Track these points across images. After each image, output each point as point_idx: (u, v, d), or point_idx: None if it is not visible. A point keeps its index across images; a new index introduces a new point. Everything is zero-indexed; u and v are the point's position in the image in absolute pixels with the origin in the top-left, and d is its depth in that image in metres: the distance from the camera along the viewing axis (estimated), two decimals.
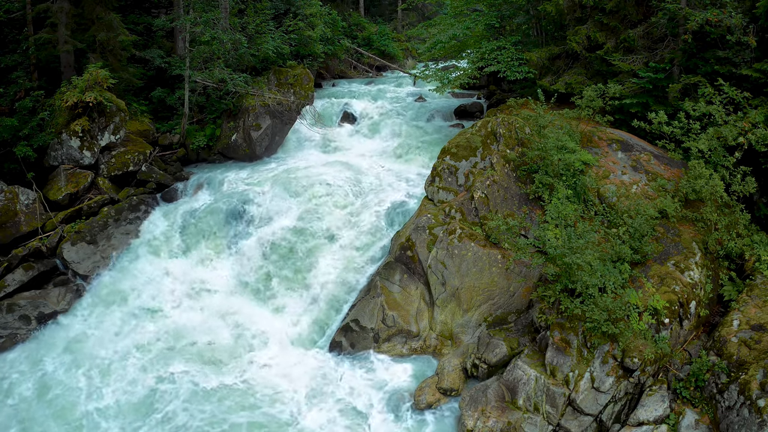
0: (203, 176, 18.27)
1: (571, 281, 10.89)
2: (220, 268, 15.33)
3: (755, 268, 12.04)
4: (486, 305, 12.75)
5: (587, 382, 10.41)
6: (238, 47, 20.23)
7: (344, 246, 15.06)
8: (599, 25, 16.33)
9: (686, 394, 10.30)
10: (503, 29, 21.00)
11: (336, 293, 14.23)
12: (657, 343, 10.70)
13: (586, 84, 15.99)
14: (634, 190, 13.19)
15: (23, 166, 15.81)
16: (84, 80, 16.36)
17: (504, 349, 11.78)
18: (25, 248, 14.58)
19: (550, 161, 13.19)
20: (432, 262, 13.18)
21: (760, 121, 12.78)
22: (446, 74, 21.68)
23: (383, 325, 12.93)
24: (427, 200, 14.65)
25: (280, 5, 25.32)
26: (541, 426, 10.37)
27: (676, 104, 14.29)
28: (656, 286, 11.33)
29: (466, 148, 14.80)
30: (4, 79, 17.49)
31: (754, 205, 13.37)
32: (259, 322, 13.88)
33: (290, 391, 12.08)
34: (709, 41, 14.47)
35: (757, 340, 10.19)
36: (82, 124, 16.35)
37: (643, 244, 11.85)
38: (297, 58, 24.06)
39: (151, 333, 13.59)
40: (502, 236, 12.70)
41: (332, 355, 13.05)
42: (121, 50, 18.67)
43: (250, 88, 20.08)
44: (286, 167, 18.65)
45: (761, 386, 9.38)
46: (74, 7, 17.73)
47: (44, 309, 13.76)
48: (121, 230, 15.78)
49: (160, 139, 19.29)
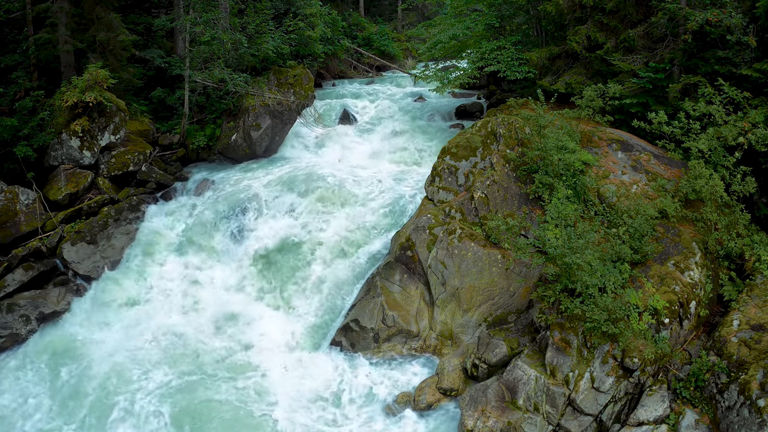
0: (203, 176, 18.27)
1: (571, 281, 10.89)
2: (219, 268, 15.32)
3: (755, 268, 12.04)
4: (486, 305, 12.75)
5: (587, 382, 10.41)
6: (238, 47, 20.23)
7: (344, 245, 15.05)
8: (599, 25, 16.34)
9: (686, 394, 10.29)
10: (503, 29, 20.99)
11: (336, 293, 14.22)
12: (657, 343, 10.71)
13: (586, 84, 15.99)
14: (634, 190, 13.19)
15: (23, 166, 15.81)
16: (84, 80, 16.36)
17: (504, 349, 11.78)
18: (25, 248, 14.57)
19: (550, 161, 13.19)
20: (432, 262, 13.18)
21: (760, 121, 12.78)
22: (446, 74, 21.69)
23: (383, 325, 12.93)
24: (427, 200, 14.65)
25: (280, 5, 25.31)
26: (541, 426, 10.37)
27: (676, 104, 14.29)
28: (656, 286, 11.33)
29: (466, 148, 14.80)
30: (4, 79, 17.49)
31: (754, 205, 13.36)
32: (259, 323, 13.86)
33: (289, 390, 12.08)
34: (709, 41, 14.48)
35: (757, 340, 10.18)
36: (82, 124, 16.35)
37: (643, 244, 11.85)
38: (297, 58, 24.05)
39: (151, 333, 13.59)
40: (502, 236, 12.71)
41: (332, 355, 13.04)
42: (121, 50, 18.66)
43: (250, 88, 20.08)
44: (286, 167, 18.65)
45: (761, 386, 9.38)
46: (74, 7, 17.73)
47: (44, 309, 13.74)
48: (121, 230, 15.78)
49: (160, 139, 19.29)
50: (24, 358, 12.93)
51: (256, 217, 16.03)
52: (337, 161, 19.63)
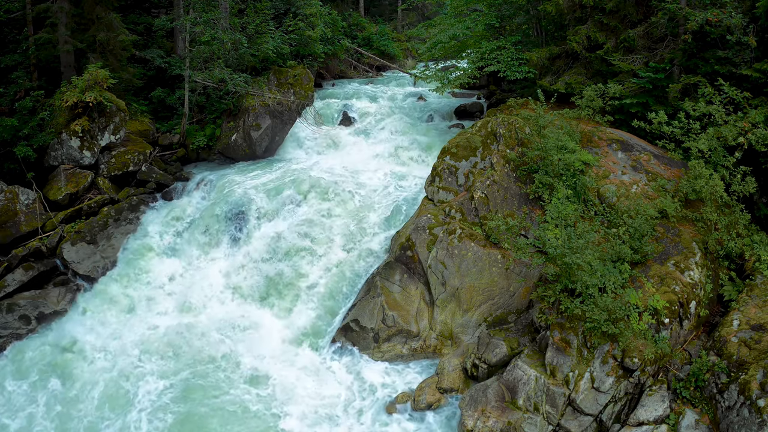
0: (203, 176, 18.26)
1: (571, 281, 10.89)
2: (219, 268, 15.31)
3: (755, 268, 12.04)
4: (486, 305, 12.75)
5: (587, 382, 10.41)
6: (238, 47, 20.23)
7: (344, 246, 15.05)
8: (599, 25, 16.34)
9: (686, 394, 10.29)
10: (503, 29, 20.99)
11: (336, 293, 14.22)
12: (657, 343, 10.70)
13: (586, 84, 15.99)
14: (634, 190, 13.19)
15: (23, 166, 15.82)
16: (84, 80, 16.36)
17: (504, 349, 11.78)
18: (25, 248, 14.58)
19: (550, 161, 13.19)
20: (432, 262, 13.18)
21: (760, 121, 12.77)
22: (446, 74, 21.70)
23: (383, 325, 12.92)
24: (427, 200, 14.65)
25: (280, 5, 25.31)
26: (541, 426, 10.37)
27: (676, 104, 14.29)
28: (656, 286, 11.33)
29: (466, 148, 14.80)
30: (4, 79, 17.50)
31: (754, 205, 13.36)
32: (257, 324, 13.86)
33: (288, 390, 12.09)
34: (709, 41, 14.47)
35: (757, 340, 10.18)
36: (82, 124, 16.35)
37: (643, 244, 11.84)
38: (297, 58, 24.06)
39: (150, 334, 13.58)
40: (502, 236, 12.71)
41: (331, 355, 13.04)
42: (121, 50, 18.66)
43: (250, 88, 20.09)
44: (286, 167, 18.65)
45: (761, 386, 9.38)
46: (74, 7, 17.73)
47: (44, 309, 13.76)
48: (121, 230, 15.78)
49: (160, 139, 19.29)
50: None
51: (255, 218, 16.02)
52: (337, 161, 19.62)
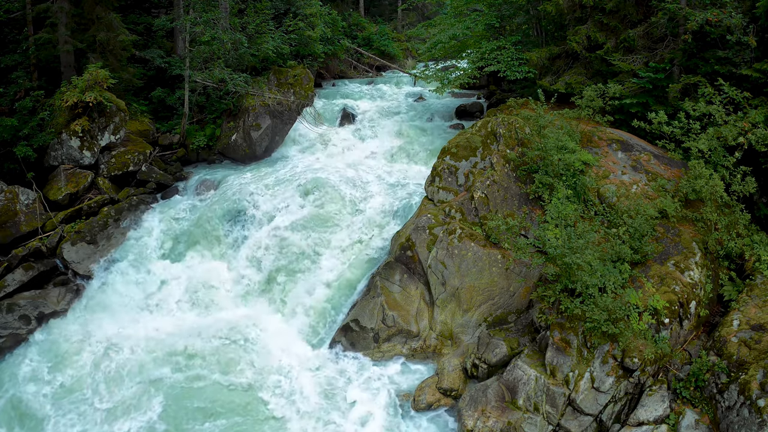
0: (203, 176, 18.27)
1: (571, 281, 10.89)
2: (219, 268, 15.31)
3: (755, 268, 12.04)
4: (486, 305, 12.75)
5: (587, 382, 10.41)
6: (238, 47, 20.24)
7: (344, 246, 15.05)
8: (599, 25, 16.34)
9: (686, 394, 10.29)
10: (503, 29, 20.99)
11: (335, 293, 14.22)
12: (657, 343, 10.70)
13: (586, 84, 15.99)
14: (634, 190, 13.19)
15: (23, 166, 15.82)
16: (84, 80, 16.36)
17: (504, 349, 11.78)
18: (25, 248, 14.58)
19: (550, 161, 13.19)
20: (432, 262, 13.18)
21: (760, 121, 12.77)
22: (446, 74, 21.70)
23: (383, 325, 12.93)
24: (427, 200, 14.65)
25: (280, 5, 25.32)
26: (541, 426, 10.37)
27: (676, 104, 14.29)
28: (656, 286, 11.33)
29: (466, 148, 14.80)
30: (4, 79, 17.50)
31: (754, 205, 13.36)
32: (257, 324, 13.85)
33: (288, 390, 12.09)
34: (709, 41, 14.47)
35: (757, 340, 10.18)
36: (82, 124, 16.35)
37: (643, 244, 11.85)
38: (297, 58, 24.06)
39: (149, 333, 13.58)
40: (502, 236, 12.71)
41: (331, 355, 13.04)
42: (121, 50, 18.66)
43: (250, 88, 20.09)
44: (286, 167, 18.65)
45: (761, 386, 9.38)
46: (74, 7, 17.73)
47: (44, 309, 13.76)
48: (121, 230, 15.78)
49: (160, 139, 19.29)
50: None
51: (256, 217, 16.02)
52: (337, 161, 19.62)
